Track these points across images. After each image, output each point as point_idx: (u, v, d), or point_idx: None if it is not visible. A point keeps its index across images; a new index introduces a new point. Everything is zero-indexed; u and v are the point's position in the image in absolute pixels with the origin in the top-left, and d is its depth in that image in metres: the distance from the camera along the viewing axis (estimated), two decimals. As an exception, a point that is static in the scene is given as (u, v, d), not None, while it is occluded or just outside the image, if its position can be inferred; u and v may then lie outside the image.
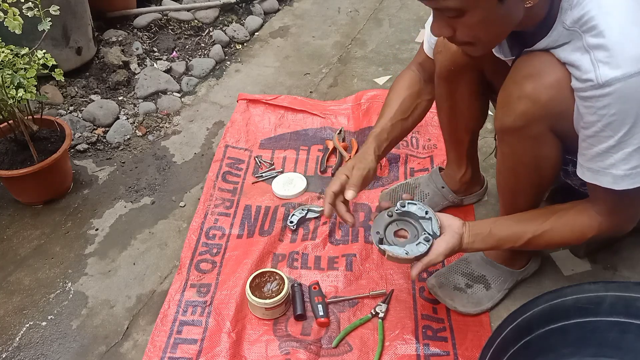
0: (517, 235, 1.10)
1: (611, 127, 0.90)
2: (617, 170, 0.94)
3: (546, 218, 1.09)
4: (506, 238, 1.11)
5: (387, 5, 2.64)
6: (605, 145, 0.93)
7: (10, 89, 1.45)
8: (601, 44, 0.88)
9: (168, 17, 2.46)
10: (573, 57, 0.92)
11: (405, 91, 1.34)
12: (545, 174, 1.12)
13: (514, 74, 1.03)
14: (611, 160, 0.94)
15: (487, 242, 1.12)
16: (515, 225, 1.11)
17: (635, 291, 1.05)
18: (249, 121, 1.92)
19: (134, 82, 2.14)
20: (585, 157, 0.98)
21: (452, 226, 1.11)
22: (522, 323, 1.04)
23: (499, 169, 1.20)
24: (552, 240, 1.10)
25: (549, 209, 1.12)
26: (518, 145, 1.08)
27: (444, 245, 1.09)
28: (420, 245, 1.09)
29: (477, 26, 0.92)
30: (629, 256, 1.43)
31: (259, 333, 1.30)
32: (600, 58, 0.88)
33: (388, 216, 1.16)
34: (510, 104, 1.03)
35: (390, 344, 1.26)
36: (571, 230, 1.07)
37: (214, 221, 1.57)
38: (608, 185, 0.96)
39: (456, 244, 1.10)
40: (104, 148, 1.88)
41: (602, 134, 0.92)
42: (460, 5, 0.88)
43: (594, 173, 0.97)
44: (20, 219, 1.63)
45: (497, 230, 1.11)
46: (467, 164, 1.48)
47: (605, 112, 0.89)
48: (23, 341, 1.32)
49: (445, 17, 0.93)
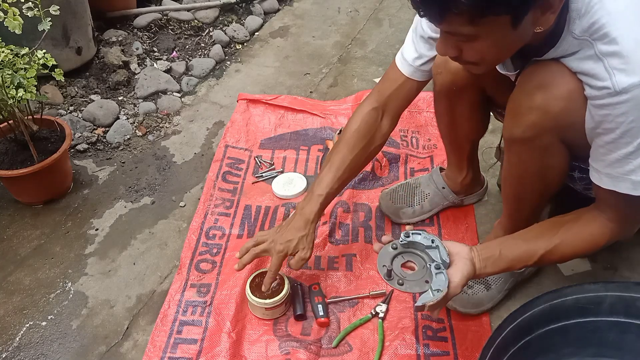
0: (529, 254, 1.07)
1: (630, 134, 0.89)
2: (636, 176, 0.92)
3: (554, 232, 1.06)
4: (518, 258, 1.08)
5: (387, 5, 2.64)
6: (624, 152, 0.91)
7: (10, 89, 1.45)
8: (615, 51, 0.86)
9: (168, 17, 2.46)
10: (585, 65, 0.91)
11: (359, 142, 1.27)
12: (552, 183, 1.11)
13: (524, 84, 1.02)
14: (630, 167, 0.92)
15: (499, 265, 1.08)
16: (525, 244, 1.08)
17: (635, 291, 1.05)
18: (249, 121, 1.92)
19: (134, 82, 2.14)
20: (603, 163, 0.96)
21: (461, 253, 1.07)
22: (522, 323, 1.04)
23: (505, 176, 1.19)
24: (565, 253, 1.07)
25: (553, 222, 1.09)
26: (526, 155, 1.07)
27: (459, 274, 1.05)
28: (439, 276, 1.04)
29: (487, 49, 0.92)
30: (629, 256, 1.43)
31: (259, 333, 1.30)
32: (615, 65, 0.86)
33: (392, 249, 1.13)
34: (520, 115, 1.02)
35: (390, 344, 1.26)
36: (582, 239, 1.05)
37: (214, 221, 1.57)
38: (627, 191, 0.94)
39: (470, 271, 1.06)
40: (104, 148, 1.88)
41: (621, 140, 0.90)
42: (473, 32, 0.87)
43: (612, 179, 0.96)
44: (20, 219, 1.63)
45: (507, 252, 1.08)
46: (467, 168, 1.48)
47: (624, 120, 0.88)
48: (23, 341, 1.32)
49: (455, 39, 0.92)
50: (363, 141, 1.28)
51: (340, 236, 1.53)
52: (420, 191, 1.54)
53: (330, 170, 1.27)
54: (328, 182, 1.26)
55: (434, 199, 1.52)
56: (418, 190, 1.54)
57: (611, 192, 0.97)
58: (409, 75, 1.24)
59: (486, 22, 0.84)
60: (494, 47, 0.91)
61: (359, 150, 1.28)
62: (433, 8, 0.85)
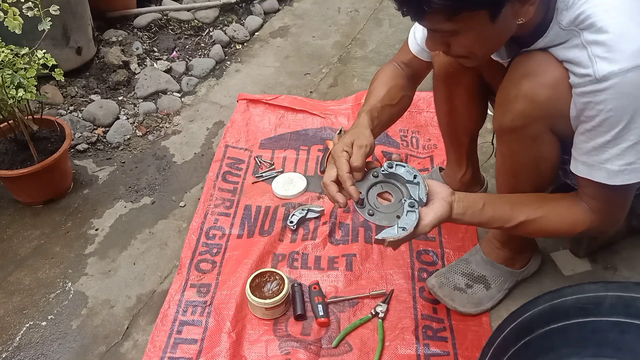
0: (510, 216, 1.07)
1: (608, 123, 0.90)
2: (611, 165, 0.94)
3: (540, 205, 1.07)
4: (498, 218, 1.07)
5: (387, 5, 2.64)
6: (602, 140, 0.93)
7: (10, 88, 1.45)
8: (599, 39, 0.88)
9: (168, 17, 2.46)
10: (571, 54, 0.93)
11: (391, 81, 1.26)
12: (545, 174, 1.12)
13: (512, 73, 1.03)
14: (606, 155, 0.94)
15: (478, 217, 1.07)
16: (509, 207, 1.07)
17: (635, 291, 1.05)
18: (249, 121, 1.92)
19: (134, 82, 2.14)
20: (580, 150, 0.98)
21: (441, 194, 1.05)
22: (522, 323, 1.04)
23: (499, 169, 1.20)
24: (542, 229, 1.08)
25: (542, 196, 1.10)
26: (517, 145, 1.08)
27: (432, 214, 1.02)
28: (410, 214, 1.00)
29: (471, 43, 0.94)
30: (629, 256, 1.43)
31: (259, 333, 1.30)
32: (597, 53, 0.88)
33: (373, 176, 1.07)
34: (508, 103, 1.03)
35: (390, 344, 1.26)
36: (563, 221, 1.06)
37: (214, 221, 1.57)
38: (602, 180, 0.96)
39: (445, 214, 1.03)
40: (104, 148, 1.88)
41: (599, 128, 0.92)
42: (453, 28, 0.90)
43: (588, 167, 0.97)
44: (20, 219, 1.63)
45: (490, 208, 1.07)
46: (467, 164, 1.48)
47: (603, 107, 0.89)
48: (23, 341, 1.32)
49: (439, 35, 0.95)
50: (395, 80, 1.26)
51: (340, 236, 1.53)
52: (420, 191, 1.53)
53: (368, 99, 1.23)
54: (369, 102, 1.22)
55: (433, 199, 1.52)
56: (418, 190, 1.54)
57: (588, 181, 0.98)
58: (415, 54, 1.26)
59: (464, 18, 0.87)
60: (478, 41, 0.94)
61: (393, 84, 1.24)
62: (411, 8, 0.88)
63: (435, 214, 1.03)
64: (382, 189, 1.07)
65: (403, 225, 1.00)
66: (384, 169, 1.07)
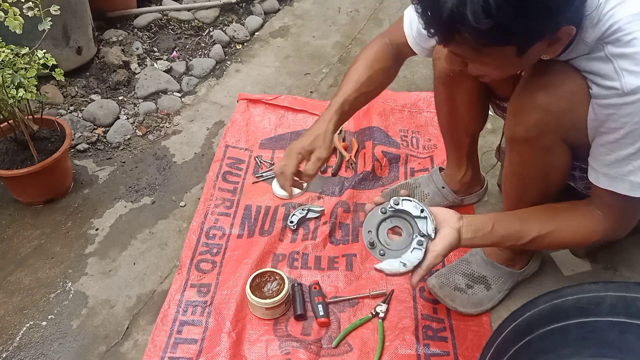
0: (521, 234, 1.06)
1: (633, 135, 0.89)
2: (635, 177, 0.93)
3: (551, 218, 1.07)
4: (509, 236, 1.07)
5: (387, 6, 2.64)
6: (625, 153, 0.92)
7: (10, 88, 1.45)
8: (626, 52, 0.87)
9: (168, 17, 2.46)
10: (594, 66, 0.91)
11: (377, 64, 1.25)
12: (554, 182, 1.11)
13: (529, 82, 1.02)
14: (630, 167, 0.93)
15: (489, 239, 1.06)
16: (519, 224, 1.07)
17: (635, 291, 1.05)
18: (249, 121, 1.92)
19: (134, 82, 2.14)
20: (601, 162, 0.96)
21: (449, 221, 1.05)
22: (522, 323, 1.04)
23: (506, 175, 1.19)
24: (555, 242, 1.08)
25: (551, 208, 1.10)
26: (528, 154, 1.07)
27: (441, 244, 1.02)
28: (415, 252, 1.02)
29: (491, 70, 0.94)
30: (629, 256, 1.43)
31: (259, 333, 1.30)
32: (624, 67, 0.87)
33: (381, 213, 1.09)
34: (523, 114, 1.02)
35: (390, 344, 1.26)
36: (575, 232, 1.06)
37: (214, 221, 1.57)
38: (624, 192, 0.95)
39: (454, 242, 1.03)
40: (104, 148, 1.88)
41: (623, 140, 0.91)
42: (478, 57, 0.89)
43: (610, 179, 0.96)
44: (20, 219, 1.63)
45: (500, 228, 1.06)
46: (467, 164, 1.48)
47: (629, 120, 0.88)
48: (23, 341, 1.32)
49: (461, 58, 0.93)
50: (381, 63, 1.26)
51: (340, 236, 1.53)
52: (420, 191, 1.54)
53: (347, 82, 1.25)
54: (345, 91, 1.23)
55: (433, 199, 1.52)
56: (418, 190, 1.54)
57: (608, 192, 0.97)
58: (410, 45, 1.24)
59: (491, 51, 0.86)
60: (499, 68, 0.94)
61: (378, 69, 1.25)
62: (439, 33, 0.86)
63: (444, 244, 1.03)
64: (392, 224, 1.09)
65: (405, 262, 1.02)
66: (391, 206, 1.08)
